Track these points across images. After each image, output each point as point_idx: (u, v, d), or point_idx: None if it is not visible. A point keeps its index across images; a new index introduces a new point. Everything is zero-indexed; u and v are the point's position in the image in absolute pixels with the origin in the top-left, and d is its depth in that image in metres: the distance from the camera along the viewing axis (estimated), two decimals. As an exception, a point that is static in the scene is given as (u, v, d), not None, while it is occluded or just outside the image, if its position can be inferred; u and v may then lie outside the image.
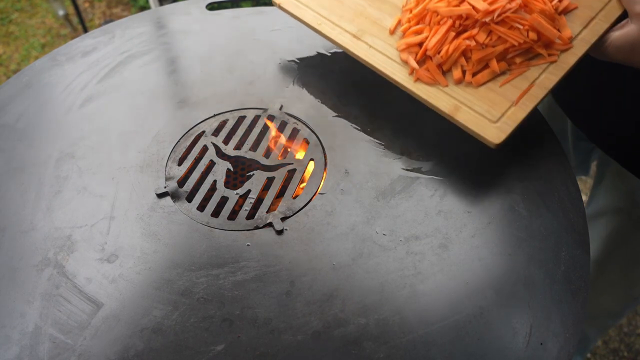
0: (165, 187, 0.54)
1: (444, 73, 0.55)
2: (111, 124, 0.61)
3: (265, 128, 0.61)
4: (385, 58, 0.57)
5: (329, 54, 0.68)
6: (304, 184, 0.55)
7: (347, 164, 0.56)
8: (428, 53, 0.55)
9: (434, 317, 0.45)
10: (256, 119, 0.62)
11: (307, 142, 0.59)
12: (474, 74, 0.54)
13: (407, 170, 0.55)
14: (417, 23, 0.57)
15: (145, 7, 2.03)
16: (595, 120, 0.69)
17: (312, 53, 0.68)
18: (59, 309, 0.46)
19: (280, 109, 0.62)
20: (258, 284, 0.47)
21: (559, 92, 0.75)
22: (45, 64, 0.69)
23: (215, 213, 0.53)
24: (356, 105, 0.62)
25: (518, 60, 0.53)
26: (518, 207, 0.52)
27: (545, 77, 0.52)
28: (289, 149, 0.59)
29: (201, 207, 0.54)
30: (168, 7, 0.78)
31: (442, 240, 0.50)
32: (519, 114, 0.51)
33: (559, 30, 0.53)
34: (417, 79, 0.55)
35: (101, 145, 0.59)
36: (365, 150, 0.57)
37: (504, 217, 0.51)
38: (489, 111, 0.52)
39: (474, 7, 0.53)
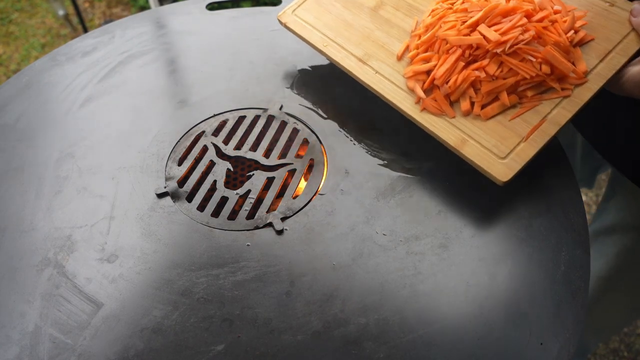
0: (165, 187, 0.54)
1: (451, 104, 0.53)
2: (111, 124, 0.61)
3: (265, 128, 0.61)
4: (392, 85, 0.56)
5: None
6: (304, 184, 0.55)
7: (347, 164, 0.56)
8: (436, 82, 0.53)
9: (434, 317, 0.45)
10: (256, 119, 0.62)
11: (307, 142, 0.59)
12: (482, 106, 0.52)
13: (407, 170, 0.55)
14: (426, 50, 0.55)
15: (145, 7, 2.03)
16: (609, 138, 0.67)
17: (312, 53, 0.68)
18: (59, 309, 0.46)
19: (280, 109, 0.62)
20: (258, 284, 0.47)
21: None
22: (45, 64, 0.69)
23: (215, 213, 0.53)
24: (356, 105, 0.62)
25: (530, 93, 0.51)
26: (518, 207, 0.52)
27: (558, 113, 0.50)
28: (288, 149, 0.59)
29: (201, 207, 0.54)
30: (168, 7, 0.78)
31: (442, 240, 0.50)
32: (528, 150, 0.49)
33: (573, 63, 0.51)
34: (424, 109, 0.53)
35: (101, 145, 0.59)
36: (365, 150, 0.57)
37: (504, 217, 0.51)
38: (497, 146, 0.50)
39: (485, 37, 0.51)
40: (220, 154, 0.59)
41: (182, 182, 0.56)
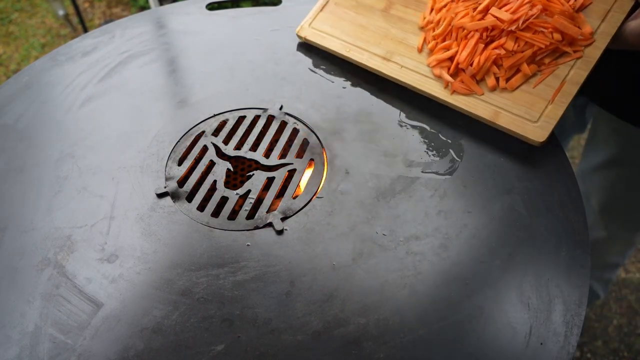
0: (165, 187, 0.54)
1: (477, 82, 0.58)
2: (111, 124, 0.61)
3: (265, 128, 0.61)
4: (419, 75, 0.61)
5: (329, 54, 0.68)
6: (304, 184, 0.55)
7: (347, 164, 0.56)
8: (460, 66, 0.58)
9: (434, 317, 0.45)
10: (256, 119, 0.62)
11: (307, 142, 0.59)
12: (507, 80, 0.57)
13: (407, 170, 0.55)
14: (444, 40, 0.60)
15: (145, 7, 2.03)
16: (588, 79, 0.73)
17: (312, 53, 0.68)
18: (59, 309, 0.46)
19: (280, 109, 0.62)
20: (258, 284, 0.47)
21: None
22: (45, 64, 0.69)
23: (215, 213, 0.53)
24: (356, 106, 0.62)
25: (547, 60, 0.56)
26: (518, 207, 0.52)
27: (575, 73, 0.55)
28: (288, 149, 0.59)
29: (201, 207, 0.54)
30: (168, 7, 0.78)
31: (442, 240, 0.49)
32: (557, 110, 0.54)
33: (579, 27, 0.56)
34: (454, 91, 0.58)
35: (101, 145, 0.59)
36: (365, 150, 0.57)
37: (504, 217, 0.51)
38: (528, 112, 0.55)
39: (498, 18, 0.56)
40: (220, 154, 0.59)
41: (182, 182, 0.56)
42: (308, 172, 0.56)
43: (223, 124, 0.61)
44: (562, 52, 0.56)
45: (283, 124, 0.61)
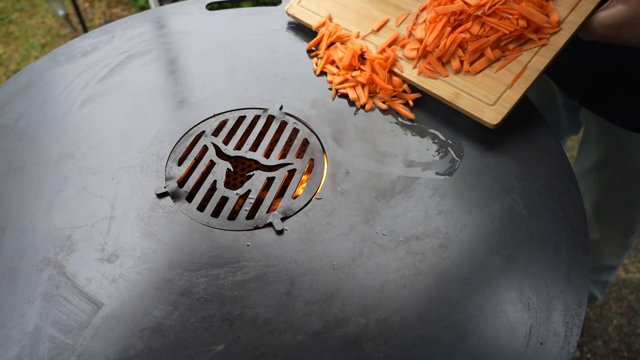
0: (165, 187, 0.54)
1: (443, 65, 0.60)
2: (111, 124, 0.61)
3: (265, 128, 0.61)
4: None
5: (329, 54, 0.68)
6: (304, 184, 0.55)
7: (347, 164, 0.56)
8: (428, 48, 0.60)
9: (434, 317, 0.45)
10: (256, 119, 0.62)
11: (307, 142, 0.59)
12: (471, 63, 0.58)
13: (407, 170, 0.55)
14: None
15: (145, 7, 2.03)
16: (578, 83, 0.75)
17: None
18: (59, 309, 0.46)
19: (280, 109, 0.62)
20: (258, 284, 0.47)
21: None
22: (45, 64, 0.69)
23: (215, 213, 0.53)
24: (356, 105, 0.62)
25: (511, 46, 0.57)
26: (518, 207, 0.52)
27: (537, 60, 0.56)
28: (288, 149, 0.59)
29: (201, 207, 0.54)
30: (168, 7, 0.78)
31: (442, 240, 0.49)
32: (513, 95, 0.56)
33: (547, 15, 0.56)
34: (420, 72, 0.60)
35: (101, 145, 0.59)
36: (365, 150, 0.57)
37: (504, 217, 0.51)
38: (486, 96, 0.57)
39: (466, 3, 0.57)
40: (220, 154, 0.59)
41: (182, 182, 0.56)
42: (308, 172, 0.56)
43: (223, 124, 0.61)
44: (527, 39, 0.57)
45: (283, 124, 0.61)
